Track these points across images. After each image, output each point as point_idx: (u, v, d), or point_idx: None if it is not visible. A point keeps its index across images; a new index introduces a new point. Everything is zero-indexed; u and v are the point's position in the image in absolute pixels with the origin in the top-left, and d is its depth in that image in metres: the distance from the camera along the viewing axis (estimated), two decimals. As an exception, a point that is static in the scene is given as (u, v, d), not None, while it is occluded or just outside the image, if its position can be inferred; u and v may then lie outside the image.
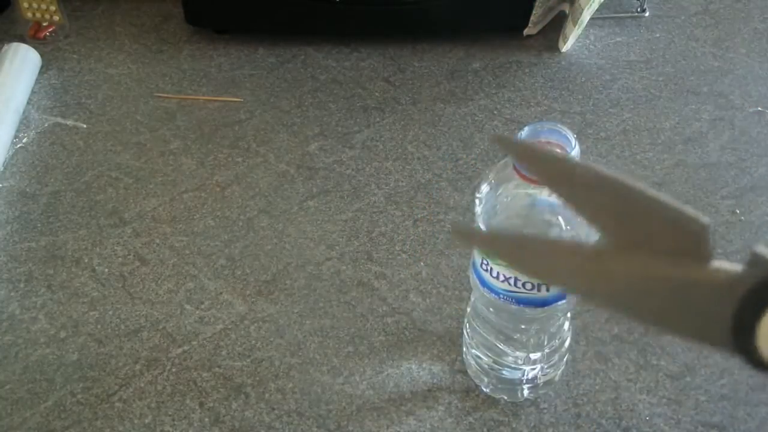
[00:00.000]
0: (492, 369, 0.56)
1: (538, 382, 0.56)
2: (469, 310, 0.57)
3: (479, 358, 0.56)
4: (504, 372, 0.56)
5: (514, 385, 0.56)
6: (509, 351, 0.55)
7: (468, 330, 0.57)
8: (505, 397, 0.57)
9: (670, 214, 0.30)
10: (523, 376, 0.55)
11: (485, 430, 0.55)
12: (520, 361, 0.55)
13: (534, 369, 0.55)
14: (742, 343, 0.28)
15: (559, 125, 0.45)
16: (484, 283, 0.49)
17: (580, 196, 0.31)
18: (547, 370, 0.56)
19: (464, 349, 0.58)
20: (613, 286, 0.30)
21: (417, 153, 0.76)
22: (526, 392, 0.56)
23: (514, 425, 0.56)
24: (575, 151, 0.44)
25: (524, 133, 0.44)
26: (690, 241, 0.30)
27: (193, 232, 0.69)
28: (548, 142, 0.45)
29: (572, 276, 0.31)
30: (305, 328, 0.62)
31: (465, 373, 0.59)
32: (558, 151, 0.44)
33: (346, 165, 0.75)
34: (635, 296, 0.30)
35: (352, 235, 0.68)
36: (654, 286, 0.29)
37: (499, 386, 0.56)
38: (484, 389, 0.57)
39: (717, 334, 0.28)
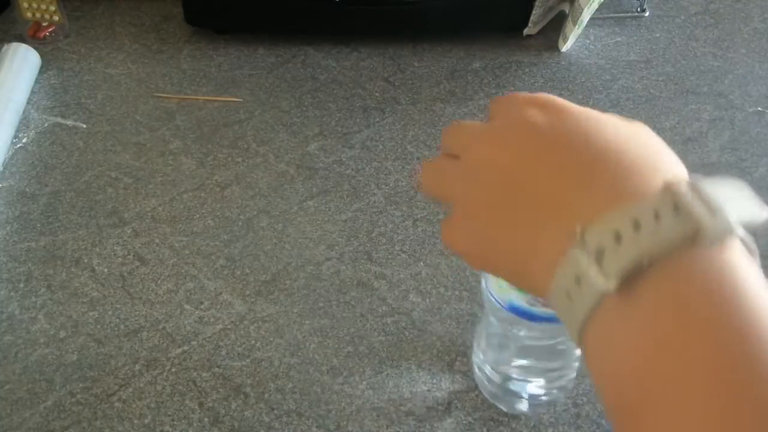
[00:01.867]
0: (500, 381, 0.55)
1: (542, 400, 0.56)
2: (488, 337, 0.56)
3: (489, 371, 0.56)
4: (510, 385, 0.55)
5: (516, 397, 0.56)
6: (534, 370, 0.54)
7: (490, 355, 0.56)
8: (504, 408, 0.56)
9: None
10: (527, 391, 0.55)
11: (485, 430, 0.55)
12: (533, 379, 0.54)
13: (540, 386, 0.55)
14: None
15: None
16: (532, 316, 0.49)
17: None
18: (553, 390, 0.55)
19: (473, 359, 0.58)
20: None
21: (417, 153, 0.76)
22: (525, 407, 0.56)
23: (513, 425, 0.55)
24: None
25: None
26: None
27: (193, 232, 0.69)
28: None
29: None
30: (305, 328, 0.62)
31: (465, 373, 0.59)
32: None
33: (346, 165, 0.75)
34: None
35: (352, 235, 0.68)
36: None
37: (503, 397, 0.56)
38: (489, 397, 0.57)
39: None
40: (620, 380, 0.28)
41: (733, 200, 0.29)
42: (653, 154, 0.32)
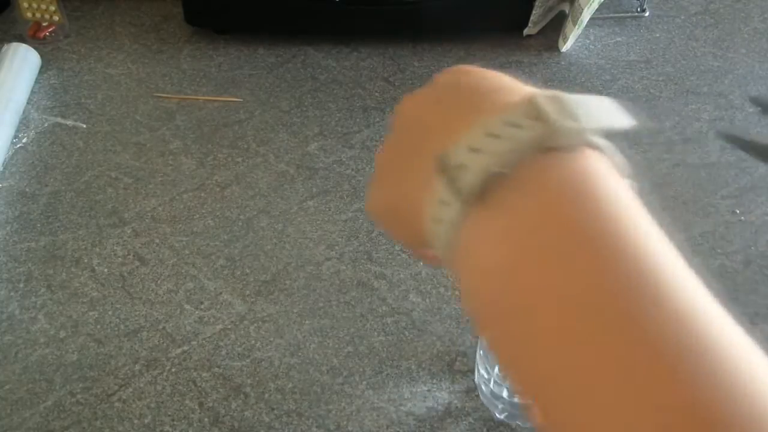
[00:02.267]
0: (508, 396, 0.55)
1: None
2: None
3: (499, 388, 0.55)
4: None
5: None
6: None
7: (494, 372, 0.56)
8: (520, 423, 0.56)
9: None
10: None
11: (485, 430, 0.55)
12: None
13: None
14: None
15: None
16: None
17: None
18: None
19: (477, 375, 0.57)
20: None
21: (417, 153, 0.76)
22: None
23: (513, 425, 0.55)
24: None
25: None
26: None
27: (193, 232, 0.69)
28: None
29: None
30: (305, 328, 0.62)
31: (465, 373, 0.59)
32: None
33: (346, 165, 0.75)
34: None
35: (352, 235, 0.68)
36: None
37: (514, 411, 0.56)
38: (498, 416, 0.56)
39: None
40: (487, 294, 0.28)
41: (594, 108, 0.29)
42: (525, 86, 0.33)
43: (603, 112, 0.29)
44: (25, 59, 0.82)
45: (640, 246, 0.25)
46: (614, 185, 0.27)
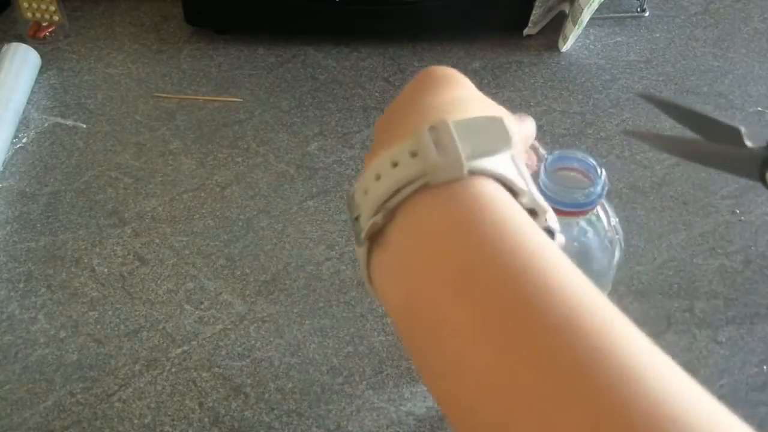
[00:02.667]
0: None
1: None
2: None
3: None
4: None
5: None
6: None
7: None
8: None
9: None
10: None
11: (485, 430, 0.55)
12: None
13: None
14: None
15: (584, 154, 0.46)
16: None
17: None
18: None
19: None
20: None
21: (417, 153, 0.76)
22: None
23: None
24: (602, 178, 0.44)
25: (551, 159, 0.45)
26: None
27: (193, 232, 0.69)
28: (573, 168, 0.46)
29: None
30: (305, 328, 0.62)
31: (465, 373, 0.59)
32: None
33: (346, 165, 0.75)
34: None
35: (352, 235, 0.68)
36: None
37: None
38: None
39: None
40: (398, 328, 0.29)
41: (479, 133, 0.29)
42: (440, 106, 0.32)
43: (488, 135, 0.29)
44: (25, 59, 0.82)
45: (527, 268, 0.26)
46: (499, 210, 0.28)
